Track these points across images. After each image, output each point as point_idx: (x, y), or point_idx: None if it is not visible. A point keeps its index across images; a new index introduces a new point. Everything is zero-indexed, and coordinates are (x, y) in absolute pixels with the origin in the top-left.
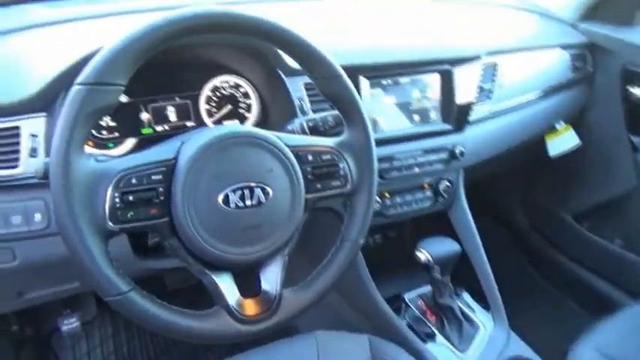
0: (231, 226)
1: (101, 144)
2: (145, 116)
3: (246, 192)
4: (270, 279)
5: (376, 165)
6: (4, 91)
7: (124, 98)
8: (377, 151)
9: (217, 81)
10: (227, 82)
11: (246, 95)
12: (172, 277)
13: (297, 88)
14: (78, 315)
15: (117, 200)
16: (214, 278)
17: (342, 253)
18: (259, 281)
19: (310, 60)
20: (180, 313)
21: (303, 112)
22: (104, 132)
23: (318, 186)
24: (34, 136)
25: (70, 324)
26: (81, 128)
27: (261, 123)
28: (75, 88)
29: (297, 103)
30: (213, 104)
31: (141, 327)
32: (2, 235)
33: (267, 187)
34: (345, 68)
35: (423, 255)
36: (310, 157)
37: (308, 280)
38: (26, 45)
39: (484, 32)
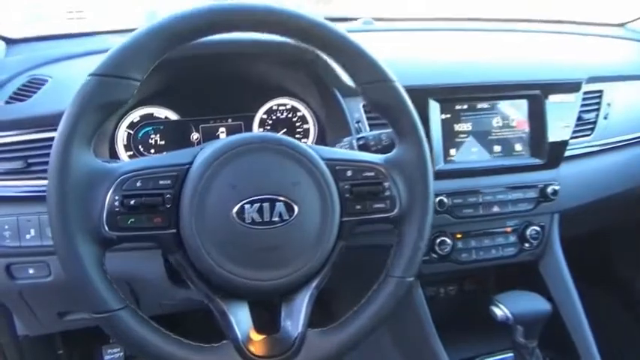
0: (245, 244)
1: None
2: (195, 136)
3: (266, 206)
4: (293, 315)
5: (432, 188)
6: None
7: (174, 116)
8: (447, 185)
9: (274, 103)
10: (284, 105)
11: (303, 119)
12: None
13: (355, 109)
14: (122, 346)
15: (117, 204)
16: (224, 306)
17: (385, 292)
18: (279, 315)
19: (354, 62)
20: (177, 343)
21: None
22: (152, 150)
23: (358, 207)
24: None
25: (112, 354)
26: (87, 121)
27: None
28: (86, 79)
29: (354, 125)
30: (268, 127)
31: None
32: (37, 248)
33: (291, 203)
34: (412, 90)
35: (499, 311)
36: (349, 173)
37: (341, 322)
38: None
39: (586, 56)
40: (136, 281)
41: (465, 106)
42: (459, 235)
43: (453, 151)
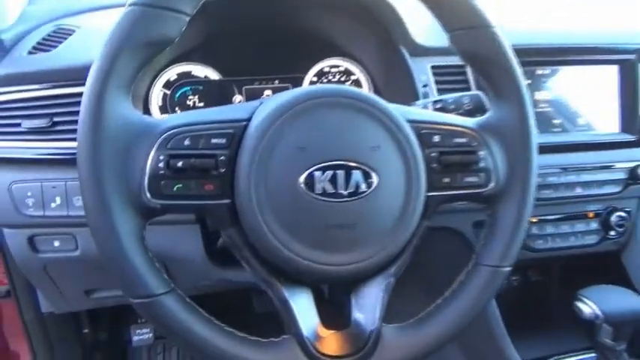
0: (314, 220)
1: None
2: (237, 99)
3: (340, 173)
4: (366, 307)
5: (536, 160)
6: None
7: (215, 75)
8: None
9: (325, 64)
10: (337, 67)
11: (357, 84)
12: (261, 297)
13: (423, 71)
14: (152, 326)
15: (161, 165)
16: (285, 293)
17: (475, 283)
18: (350, 308)
19: (446, 3)
20: (230, 336)
21: None
22: None
23: (446, 180)
24: None
25: (141, 334)
26: (126, 61)
27: None
28: (127, 9)
29: (420, 90)
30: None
31: None
32: (63, 218)
33: (370, 171)
34: None
35: (587, 308)
36: (437, 139)
37: (421, 317)
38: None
39: None
40: (172, 260)
41: (548, 71)
42: (533, 220)
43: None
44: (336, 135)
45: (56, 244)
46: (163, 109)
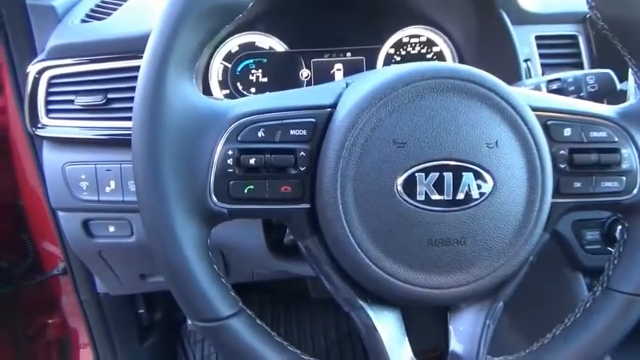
0: (414, 232)
1: None
2: (304, 74)
3: (448, 176)
4: (468, 336)
5: None
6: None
7: (280, 47)
8: None
9: (404, 34)
10: (417, 37)
11: (440, 57)
12: (317, 283)
13: (525, 42)
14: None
15: (230, 162)
16: (372, 318)
17: (607, 312)
18: (447, 336)
19: None
20: None
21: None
22: (252, 89)
23: (577, 185)
24: None
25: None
26: (190, 32)
27: None
28: None
29: (522, 65)
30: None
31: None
32: (118, 204)
33: (485, 174)
34: None
35: None
36: (568, 132)
37: (536, 350)
38: None
39: None
40: (230, 249)
41: None
42: None
43: None
44: (444, 128)
45: (111, 229)
46: (223, 85)
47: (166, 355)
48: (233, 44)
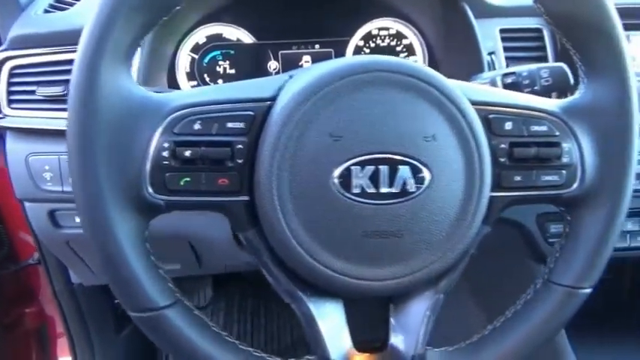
0: (350, 225)
1: None
2: (272, 65)
3: (384, 169)
4: (408, 328)
5: (636, 155)
6: None
7: (248, 39)
8: None
9: (373, 26)
10: (386, 30)
11: (409, 49)
12: None
13: (489, 35)
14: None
15: (166, 154)
16: (312, 309)
17: (547, 304)
18: (388, 328)
19: None
20: (244, 357)
21: None
22: (220, 81)
23: (518, 178)
24: None
25: None
26: (122, 28)
27: None
28: None
29: (485, 58)
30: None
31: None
32: None
33: (422, 167)
34: None
35: None
36: (509, 126)
37: (476, 341)
38: None
39: None
40: (199, 241)
41: None
42: None
43: None
44: (381, 121)
45: (77, 219)
46: (191, 76)
47: (143, 344)
48: (200, 35)
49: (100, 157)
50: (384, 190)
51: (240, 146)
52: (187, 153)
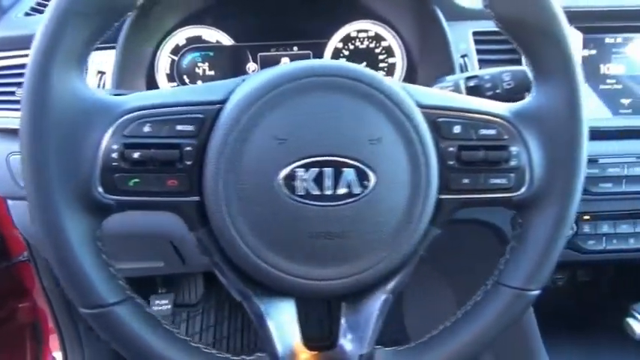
0: (295, 226)
1: None
2: (251, 67)
3: (328, 172)
4: (357, 327)
5: (584, 160)
6: None
7: (227, 40)
8: None
9: (352, 28)
10: (365, 32)
11: (388, 52)
12: None
13: (462, 37)
14: (171, 297)
15: (115, 156)
16: (261, 308)
17: (494, 306)
18: (338, 326)
19: None
20: (195, 354)
21: None
22: (199, 82)
23: (466, 182)
24: (101, 73)
25: (160, 305)
26: (74, 31)
27: None
28: None
29: (458, 61)
30: (343, 59)
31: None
32: None
33: (367, 170)
34: None
35: (639, 326)
36: (458, 130)
37: (424, 341)
38: None
39: None
40: (180, 240)
41: (619, 40)
42: (586, 217)
43: (593, 102)
44: (326, 124)
45: None
46: (170, 78)
47: None
48: (180, 37)
49: (51, 157)
50: (328, 192)
51: (189, 148)
52: (136, 155)
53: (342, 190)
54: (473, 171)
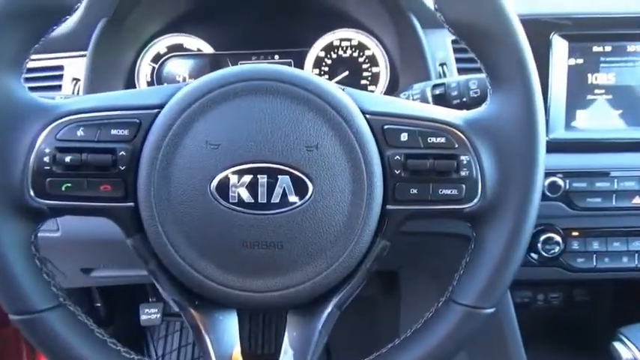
0: (227, 235)
1: None
2: None
3: (262, 179)
4: (299, 341)
5: (541, 170)
6: None
7: (208, 48)
8: (566, 161)
9: (335, 37)
10: (348, 40)
11: (372, 60)
12: None
13: (440, 46)
14: (160, 306)
15: (46, 160)
16: (198, 319)
17: (444, 324)
18: (281, 340)
19: None
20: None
21: None
22: None
23: (414, 192)
24: (76, 80)
25: (149, 314)
26: (7, 36)
27: None
28: None
29: (435, 69)
30: (325, 68)
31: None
32: None
33: (303, 177)
34: (528, 21)
35: (626, 352)
36: (404, 137)
37: (372, 359)
38: None
39: None
40: None
41: (609, 49)
42: (575, 233)
43: (580, 113)
44: (261, 130)
45: None
46: (151, 86)
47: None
48: (161, 45)
49: None
50: (262, 200)
51: (123, 153)
52: (68, 159)
53: (276, 199)
54: (421, 181)
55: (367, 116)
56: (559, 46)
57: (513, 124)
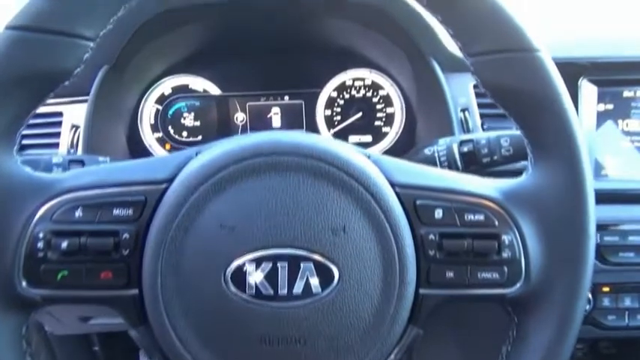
0: (243, 330)
1: (178, 148)
2: (239, 117)
3: (282, 267)
4: None
5: (592, 249)
6: None
7: (214, 90)
8: (599, 214)
9: (347, 76)
10: (361, 80)
11: (386, 101)
12: None
13: (462, 91)
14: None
15: (40, 245)
16: None
17: None
18: None
19: (465, 18)
20: None
21: (468, 131)
22: (184, 133)
23: (450, 275)
24: (75, 127)
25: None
26: (1, 100)
27: (405, 144)
28: (2, 34)
29: (456, 115)
30: (338, 109)
31: None
32: None
33: (329, 264)
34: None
35: None
36: (439, 214)
37: None
38: None
39: None
40: None
41: (638, 94)
42: (605, 289)
43: (610, 162)
44: (281, 211)
45: None
46: (155, 128)
47: None
48: (166, 86)
49: None
50: (283, 291)
51: (126, 235)
52: (64, 244)
53: (298, 289)
54: (457, 262)
55: (397, 189)
56: (588, 91)
57: (561, 199)
